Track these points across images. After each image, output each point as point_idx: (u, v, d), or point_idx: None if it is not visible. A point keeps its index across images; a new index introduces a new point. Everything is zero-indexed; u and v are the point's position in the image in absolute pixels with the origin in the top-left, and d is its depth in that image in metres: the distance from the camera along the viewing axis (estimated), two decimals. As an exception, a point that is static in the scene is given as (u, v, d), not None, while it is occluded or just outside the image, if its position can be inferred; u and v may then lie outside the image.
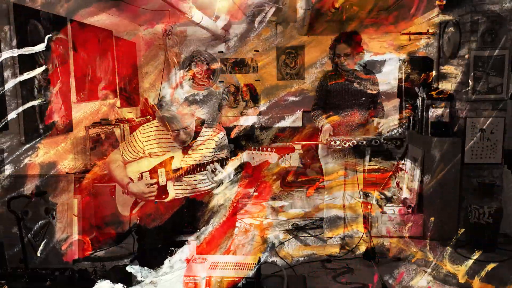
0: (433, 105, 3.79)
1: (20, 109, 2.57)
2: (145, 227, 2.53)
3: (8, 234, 2.85)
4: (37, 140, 2.54)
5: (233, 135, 5.77)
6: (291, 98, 6.33)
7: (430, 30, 4.37)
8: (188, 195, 2.66)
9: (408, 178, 4.14)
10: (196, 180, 2.66)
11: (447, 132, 3.68)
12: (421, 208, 3.75)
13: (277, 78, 6.46)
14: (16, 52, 3.18)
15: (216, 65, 6.43)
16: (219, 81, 6.48)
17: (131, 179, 2.62)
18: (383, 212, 3.76)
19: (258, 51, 6.38)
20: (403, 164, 3.75)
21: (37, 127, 3.40)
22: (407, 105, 4.20)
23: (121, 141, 4.73)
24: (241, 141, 5.92)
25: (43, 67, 2.38)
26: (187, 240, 2.75)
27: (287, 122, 6.26)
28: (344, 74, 3.38)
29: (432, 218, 3.55)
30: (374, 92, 3.44)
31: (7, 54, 3.11)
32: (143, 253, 2.49)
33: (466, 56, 3.57)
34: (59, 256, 2.76)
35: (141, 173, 2.63)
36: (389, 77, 3.49)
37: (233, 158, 2.46)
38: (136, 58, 6.14)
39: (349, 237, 3.56)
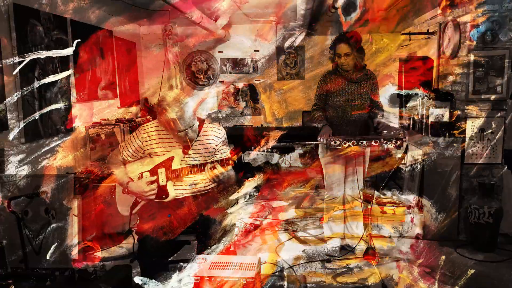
0: (433, 105, 3.79)
1: (44, 110, 2.59)
2: (145, 227, 2.53)
3: (8, 234, 2.85)
4: (57, 143, 2.56)
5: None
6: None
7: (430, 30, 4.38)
8: (188, 195, 2.66)
9: (408, 178, 4.14)
10: (196, 180, 2.66)
11: (447, 132, 3.68)
12: (420, 208, 3.76)
13: (277, 78, 6.47)
14: (44, 54, 3.20)
15: (216, 65, 6.43)
16: (219, 81, 6.48)
17: (131, 179, 2.62)
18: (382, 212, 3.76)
19: (258, 51, 6.39)
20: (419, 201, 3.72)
21: (57, 131, 3.38)
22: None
23: (121, 141, 4.73)
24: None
25: (70, 71, 2.42)
26: (187, 240, 2.77)
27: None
28: (344, 74, 3.38)
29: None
30: (374, 91, 3.44)
31: (34, 55, 3.14)
32: (144, 254, 2.49)
33: (466, 56, 3.57)
34: (68, 260, 2.77)
35: (141, 173, 2.63)
36: (412, 112, 3.46)
37: (250, 179, 2.48)
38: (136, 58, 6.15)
39: (349, 237, 3.57)
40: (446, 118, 3.71)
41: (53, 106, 2.56)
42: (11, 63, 3.08)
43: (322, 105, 3.48)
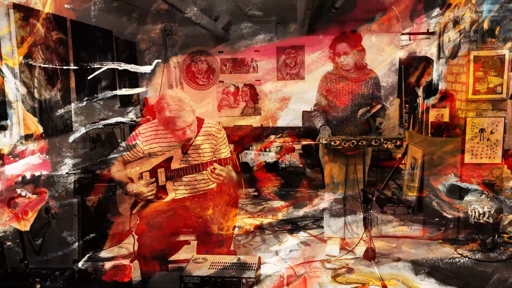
0: (433, 105, 3.79)
1: (110, 121, 2.62)
2: (145, 227, 2.53)
3: (8, 234, 2.86)
4: (115, 156, 2.60)
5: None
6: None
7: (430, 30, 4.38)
8: (187, 195, 2.66)
9: (408, 179, 4.14)
10: (196, 180, 2.66)
11: (447, 132, 3.69)
12: (421, 208, 3.76)
13: (277, 78, 6.46)
14: (122, 66, 3.25)
15: (216, 65, 6.43)
16: (219, 81, 6.48)
17: (131, 179, 2.62)
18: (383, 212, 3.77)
19: (258, 51, 6.38)
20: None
21: (118, 144, 3.36)
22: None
23: (121, 142, 4.73)
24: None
25: (144, 88, 2.48)
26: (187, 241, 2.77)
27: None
28: (344, 74, 3.38)
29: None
30: (375, 91, 3.43)
31: (112, 65, 3.19)
32: (144, 254, 2.49)
33: (466, 56, 3.57)
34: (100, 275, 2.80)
35: (141, 173, 2.63)
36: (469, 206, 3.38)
37: (294, 234, 2.47)
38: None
39: (349, 238, 3.57)
40: (446, 118, 3.72)
41: (119, 119, 2.59)
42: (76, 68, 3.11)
43: (322, 105, 3.48)
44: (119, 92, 2.81)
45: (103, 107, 3.26)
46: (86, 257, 2.32)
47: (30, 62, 3.36)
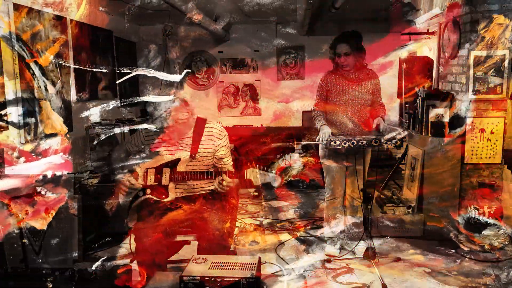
0: (433, 105, 3.79)
1: (138, 126, 2.67)
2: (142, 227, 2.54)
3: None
4: (137, 162, 2.62)
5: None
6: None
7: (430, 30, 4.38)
8: (186, 194, 2.68)
9: (408, 178, 4.14)
10: (198, 184, 2.68)
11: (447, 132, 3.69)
12: (421, 208, 3.75)
13: (277, 78, 6.47)
14: (152, 73, 3.27)
15: (216, 65, 6.43)
16: (219, 81, 6.48)
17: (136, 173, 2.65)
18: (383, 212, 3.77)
19: (258, 51, 6.39)
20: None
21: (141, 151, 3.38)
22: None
23: (121, 141, 4.73)
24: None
25: (172, 97, 2.52)
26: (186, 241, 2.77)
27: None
28: (344, 74, 3.38)
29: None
30: (375, 91, 3.43)
31: (143, 71, 3.22)
32: (141, 252, 2.49)
33: (466, 56, 3.57)
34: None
35: (147, 169, 2.64)
36: (484, 241, 3.33)
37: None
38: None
39: (349, 238, 3.57)
40: (446, 118, 3.71)
41: (145, 126, 2.62)
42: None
43: (322, 105, 3.47)
44: (145, 98, 2.83)
45: (129, 112, 3.30)
46: (100, 260, 2.32)
47: (60, 62, 3.37)
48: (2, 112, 2.98)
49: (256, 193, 5.04)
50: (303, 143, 5.06)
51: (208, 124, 2.72)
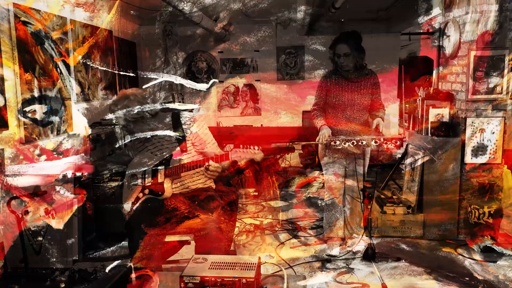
0: (433, 105, 3.79)
1: (158, 132, 2.66)
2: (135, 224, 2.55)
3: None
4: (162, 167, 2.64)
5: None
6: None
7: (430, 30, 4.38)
8: (184, 191, 2.69)
9: (408, 178, 4.14)
10: (191, 177, 2.69)
11: (447, 132, 3.68)
12: (421, 208, 3.75)
13: (277, 78, 6.47)
14: (178, 80, 3.29)
15: (216, 65, 6.43)
16: (219, 81, 6.48)
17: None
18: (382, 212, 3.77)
19: (258, 51, 6.38)
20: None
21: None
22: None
23: (121, 142, 4.74)
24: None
25: (197, 105, 2.54)
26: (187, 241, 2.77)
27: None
28: (344, 74, 3.38)
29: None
30: (375, 91, 3.43)
31: (169, 78, 3.24)
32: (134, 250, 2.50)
33: (466, 56, 3.57)
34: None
35: (144, 171, 2.66)
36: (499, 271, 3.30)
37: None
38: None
39: (349, 237, 3.57)
40: (446, 118, 3.72)
41: (168, 132, 2.62)
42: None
43: (322, 105, 3.48)
44: (171, 105, 2.84)
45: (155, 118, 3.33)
46: (115, 263, 2.32)
47: (88, 63, 3.39)
48: (27, 109, 2.99)
49: (256, 193, 5.04)
50: (303, 143, 5.07)
51: (183, 113, 2.75)
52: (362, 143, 3.11)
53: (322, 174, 3.40)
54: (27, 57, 3.04)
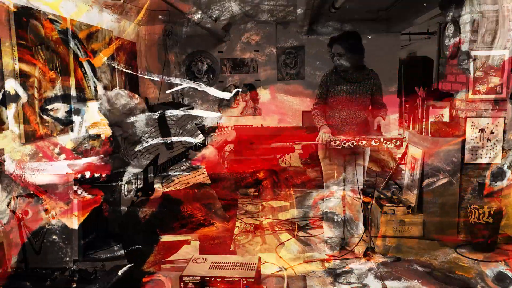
0: (433, 105, 3.79)
1: (180, 138, 2.68)
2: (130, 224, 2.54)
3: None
4: (175, 174, 2.64)
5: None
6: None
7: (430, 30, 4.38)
8: (180, 187, 2.70)
9: (408, 178, 4.14)
10: (181, 176, 2.70)
11: (447, 132, 3.68)
12: (421, 208, 3.75)
13: (277, 78, 6.47)
14: (202, 88, 3.32)
15: (216, 65, 6.43)
16: (219, 81, 6.48)
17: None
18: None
19: (258, 51, 6.39)
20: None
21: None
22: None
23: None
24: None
25: (219, 113, 2.55)
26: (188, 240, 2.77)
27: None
28: (343, 74, 3.38)
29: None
30: (375, 91, 3.43)
31: (192, 84, 3.25)
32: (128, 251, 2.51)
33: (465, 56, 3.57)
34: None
35: (137, 174, 2.65)
36: None
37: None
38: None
39: (349, 237, 3.57)
40: (446, 118, 3.72)
41: (188, 138, 2.63)
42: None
43: (322, 105, 3.48)
44: (193, 112, 2.86)
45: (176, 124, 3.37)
46: (127, 267, 2.33)
47: (113, 65, 3.40)
48: (49, 107, 2.99)
49: (256, 193, 5.04)
50: (303, 143, 5.07)
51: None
52: (362, 143, 3.11)
53: (340, 189, 3.40)
54: (52, 55, 3.05)
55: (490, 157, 3.58)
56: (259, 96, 6.51)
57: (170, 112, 2.69)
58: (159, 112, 2.73)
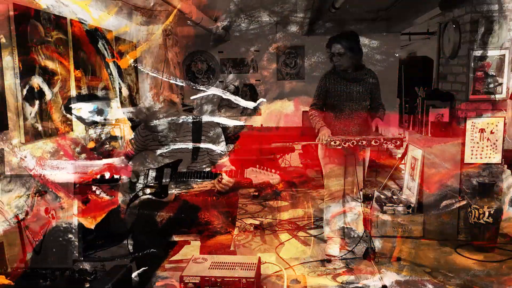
0: (433, 105, 3.79)
1: (202, 145, 2.70)
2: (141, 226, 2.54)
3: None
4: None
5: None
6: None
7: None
8: (183, 192, 2.69)
9: (408, 178, 4.14)
10: (198, 185, 2.69)
11: (447, 132, 3.69)
12: (421, 208, 3.75)
13: (277, 78, 6.47)
14: (227, 96, 3.32)
15: (216, 65, 6.43)
16: (219, 81, 6.48)
17: None
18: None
19: (258, 51, 6.39)
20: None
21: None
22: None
23: (123, 140, 4.75)
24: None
25: (243, 122, 2.54)
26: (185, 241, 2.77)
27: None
28: (342, 74, 3.38)
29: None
30: (374, 91, 3.43)
31: (216, 91, 3.25)
32: (140, 253, 2.49)
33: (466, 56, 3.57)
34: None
35: (149, 169, 2.65)
36: None
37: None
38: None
39: (349, 237, 3.57)
40: (446, 118, 3.71)
41: (210, 146, 2.62)
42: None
43: (320, 104, 3.47)
44: (216, 119, 2.86)
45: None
46: (139, 271, 2.32)
47: (139, 67, 3.40)
48: (73, 106, 2.98)
49: (256, 193, 5.04)
50: (303, 143, 5.07)
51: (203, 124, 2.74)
52: (361, 143, 3.11)
53: (360, 205, 3.39)
54: (79, 54, 3.04)
55: (490, 157, 3.58)
56: (259, 96, 6.47)
57: (199, 118, 2.67)
58: (193, 116, 2.71)
